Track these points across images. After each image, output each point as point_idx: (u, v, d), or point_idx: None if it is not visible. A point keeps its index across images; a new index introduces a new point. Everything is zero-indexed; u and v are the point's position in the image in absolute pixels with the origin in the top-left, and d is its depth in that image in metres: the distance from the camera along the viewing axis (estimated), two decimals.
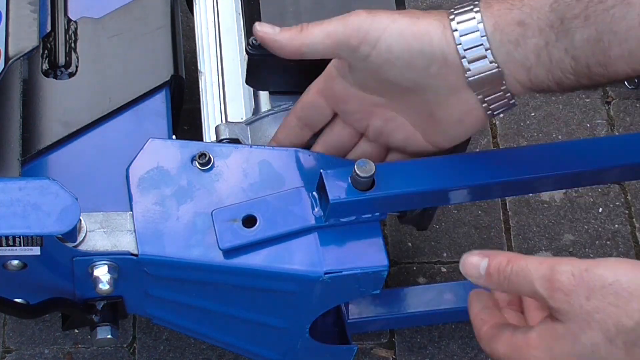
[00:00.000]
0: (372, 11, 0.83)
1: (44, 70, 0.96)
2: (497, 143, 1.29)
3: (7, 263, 0.82)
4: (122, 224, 0.85)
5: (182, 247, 0.84)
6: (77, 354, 1.11)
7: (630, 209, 1.26)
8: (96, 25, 0.99)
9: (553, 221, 1.24)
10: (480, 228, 1.22)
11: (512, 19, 0.80)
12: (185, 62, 1.02)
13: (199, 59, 1.02)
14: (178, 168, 0.88)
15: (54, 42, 0.97)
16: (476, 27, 0.80)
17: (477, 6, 0.81)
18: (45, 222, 0.77)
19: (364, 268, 0.85)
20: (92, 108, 0.94)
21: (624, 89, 1.35)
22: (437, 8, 1.39)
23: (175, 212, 0.86)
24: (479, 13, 0.80)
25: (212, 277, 0.86)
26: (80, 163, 0.92)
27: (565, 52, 0.78)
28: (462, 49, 0.80)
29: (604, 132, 1.31)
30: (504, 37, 0.80)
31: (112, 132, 0.94)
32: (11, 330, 1.12)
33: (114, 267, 0.84)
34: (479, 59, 0.81)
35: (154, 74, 0.97)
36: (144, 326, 1.13)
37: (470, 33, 0.80)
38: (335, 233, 0.86)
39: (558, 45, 0.78)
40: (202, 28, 1.03)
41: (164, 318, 0.94)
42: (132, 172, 0.88)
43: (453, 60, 0.81)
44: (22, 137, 0.90)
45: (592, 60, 0.78)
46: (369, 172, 0.83)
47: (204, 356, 1.12)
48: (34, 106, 0.93)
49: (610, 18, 0.76)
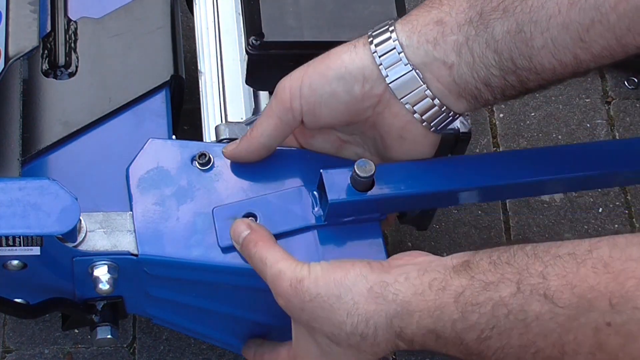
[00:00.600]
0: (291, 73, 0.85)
1: (44, 70, 0.96)
2: (497, 143, 1.29)
3: (7, 263, 0.82)
4: (122, 224, 0.85)
5: (182, 247, 0.84)
6: (77, 354, 1.11)
7: (630, 209, 1.26)
8: (96, 25, 0.99)
9: (553, 221, 1.24)
10: (480, 228, 1.22)
11: (430, 19, 0.80)
12: (185, 62, 1.02)
13: (199, 59, 1.02)
14: (178, 168, 0.88)
15: (54, 42, 0.97)
16: (389, 35, 0.81)
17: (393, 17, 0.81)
18: (45, 222, 0.77)
19: None
20: (92, 108, 0.94)
21: (624, 89, 1.35)
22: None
23: (175, 212, 0.86)
24: (393, 24, 0.81)
25: (212, 277, 0.86)
26: (80, 163, 0.92)
27: (487, 46, 0.78)
28: (377, 57, 0.81)
29: (604, 132, 1.31)
30: (422, 38, 0.80)
31: (112, 132, 0.94)
32: (11, 330, 1.12)
33: (114, 267, 0.84)
34: (395, 63, 0.81)
35: (154, 74, 0.97)
36: (144, 326, 1.13)
37: (384, 42, 0.81)
38: (335, 233, 0.86)
39: (478, 39, 0.78)
40: (202, 28, 1.03)
41: (164, 318, 0.94)
42: (132, 172, 0.88)
43: (371, 73, 0.81)
44: (22, 137, 0.90)
45: (516, 53, 0.77)
46: (369, 172, 0.83)
47: (204, 356, 1.12)
48: (34, 106, 0.93)
49: (529, 8, 0.76)
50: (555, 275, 0.70)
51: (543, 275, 0.70)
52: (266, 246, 0.81)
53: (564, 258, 0.70)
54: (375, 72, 0.81)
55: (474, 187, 0.88)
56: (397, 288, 0.75)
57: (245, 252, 0.83)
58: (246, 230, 0.83)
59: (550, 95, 1.33)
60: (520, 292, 0.70)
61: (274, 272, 0.79)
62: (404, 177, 0.86)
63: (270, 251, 0.81)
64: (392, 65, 0.81)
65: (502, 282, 0.71)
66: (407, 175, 0.86)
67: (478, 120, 1.30)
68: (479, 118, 1.30)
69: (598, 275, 0.68)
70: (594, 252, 0.69)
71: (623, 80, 1.35)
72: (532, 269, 0.71)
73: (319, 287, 0.77)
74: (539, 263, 0.71)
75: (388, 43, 0.81)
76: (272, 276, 0.80)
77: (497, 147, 1.29)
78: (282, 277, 0.79)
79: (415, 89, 0.81)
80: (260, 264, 0.81)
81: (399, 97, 0.82)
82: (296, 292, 0.78)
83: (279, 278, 0.79)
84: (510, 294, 0.71)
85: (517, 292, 0.70)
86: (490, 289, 0.72)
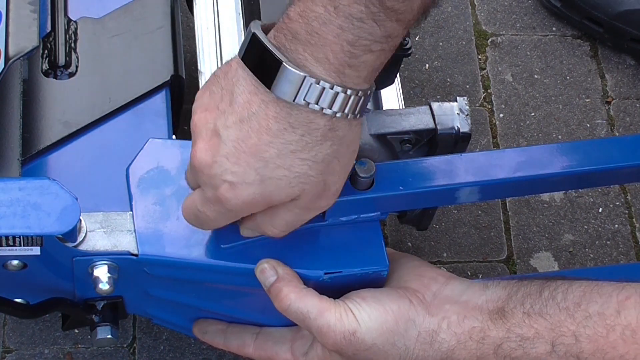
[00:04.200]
0: None
1: (44, 70, 0.96)
2: (497, 143, 1.29)
3: (7, 263, 0.82)
4: (122, 224, 0.85)
5: (182, 247, 0.84)
6: (77, 354, 1.11)
7: (630, 209, 1.26)
8: (96, 25, 0.99)
9: (553, 221, 1.24)
10: (480, 228, 1.22)
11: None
12: (185, 62, 1.02)
13: (199, 59, 1.02)
14: (178, 168, 0.88)
15: (54, 42, 0.97)
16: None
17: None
18: (45, 222, 0.77)
19: (364, 268, 0.85)
20: (92, 108, 0.94)
21: (624, 89, 1.35)
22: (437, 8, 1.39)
23: (175, 212, 0.86)
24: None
25: (212, 277, 0.86)
26: (80, 163, 0.92)
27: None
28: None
29: (604, 132, 1.31)
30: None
31: (112, 132, 0.94)
32: (11, 330, 1.11)
33: (114, 267, 0.84)
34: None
35: (154, 74, 0.97)
36: (144, 326, 1.13)
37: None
38: (335, 233, 0.86)
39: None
40: (202, 28, 1.03)
41: (164, 318, 0.94)
42: (132, 172, 0.88)
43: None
44: (22, 137, 0.90)
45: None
46: (369, 172, 0.83)
47: (204, 356, 1.12)
48: (34, 106, 0.93)
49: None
50: (586, 338, 0.77)
51: (575, 337, 0.77)
52: (299, 296, 0.82)
53: (594, 319, 0.77)
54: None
55: (473, 185, 0.88)
56: (443, 337, 0.81)
57: (275, 302, 0.83)
58: (272, 276, 0.83)
59: (550, 95, 1.33)
60: (554, 352, 0.78)
61: (321, 325, 0.81)
62: (403, 176, 0.86)
63: (305, 301, 0.81)
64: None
65: (537, 339, 0.78)
66: (407, 175, 0.86)
67: (478, 120, 1.30)
68: (479, 118, 1.31)
69: (627, 344, 0.76)
70: (622, 315, 0.76)
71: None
72: (565, 327, 0.78)
73: (374, 338, 0.81)
74: (571, 321, 0.77)
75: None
76: (319, 328, 0.81)
77: (497, 147, 1.29)
78: (333, 330, 0.81)
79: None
80: (301, 316, 0.82)
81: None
82: (350, 343, 0.81)
83: (330, 331, 0.81)
84: (545, 352, 0.78)
85: (551, 351, 0.78)
86: (526, 346, 0.79)
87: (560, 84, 1.35)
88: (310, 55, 0.71)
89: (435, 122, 0.93)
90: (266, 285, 0.83)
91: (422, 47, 1.36)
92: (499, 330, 0.80)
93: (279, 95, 0.72)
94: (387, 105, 1.00)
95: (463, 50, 1.36)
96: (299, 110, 0.73)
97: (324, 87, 0.72)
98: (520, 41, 1.38)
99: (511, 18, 1.40)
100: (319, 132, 0.73)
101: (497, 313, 0.80)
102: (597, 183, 0.94)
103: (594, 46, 1.38)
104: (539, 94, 1.33)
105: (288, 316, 0.83)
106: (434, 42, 1.36)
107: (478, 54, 1.36)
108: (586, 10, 1.35)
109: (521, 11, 1.41)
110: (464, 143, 0.93)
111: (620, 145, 0.92)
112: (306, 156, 0.74)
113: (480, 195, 0.90)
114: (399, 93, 1.02)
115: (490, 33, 1.38)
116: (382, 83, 0.95)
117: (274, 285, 0.82)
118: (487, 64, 1.36)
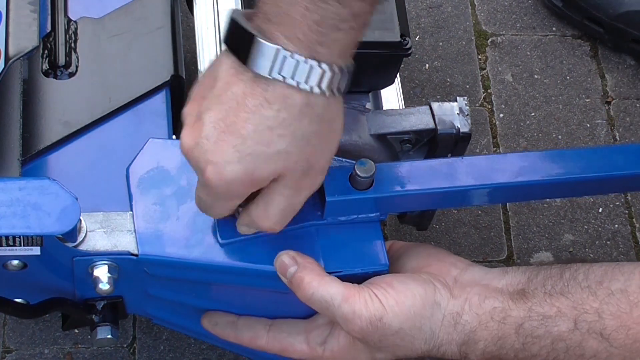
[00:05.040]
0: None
1: (44, 70, 0.96)
2: (497, 143, 1.29)
3: (7, 263, 0.82)
4: (122, 224, 0.85)
5: (182, 247, 0.84)
6: (77, 354, 1.11)
7: (630, 209, 1.26)
8: (96, 25, 0.99)
9: (553, 221, 1.24)
10: (480, 228, 1.22)
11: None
12: (185, 62, 1.02)
13: (199, 59, 1.02)
14: (178, 168, 0.88)
15: (54, 42, 0.97)
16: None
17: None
18: (45, 222, 0.77)
19: (364, 268, 0.85)
20: (92, 108, 0.94)
21: (624, 89, 1.35)
22: (438, 8, 1.39)
23: (175, 212, 0.86)
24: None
25: (213, 277, 0.86)
26: (80, 163, 0.91)
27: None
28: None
29: (604, 132, 1.31)
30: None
31: (112, 132, 0.94)
32: (11, 330, 1.12)
33: (114, 267, 0.84)
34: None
35: (154, 74, 0.97)
36: (144, 326, 1.13)
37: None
38: (335, 233, 0.86)
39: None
40: (202, 28, 1.03)
41: (164, 318, 0.94)
42: (132, 172, 0.88)
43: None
44: (22, 137, 0.90)
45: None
46: (369, 172, 0.83)
47: (204, 356, 1.12)
48: (34, 106, 0.93)
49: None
50: (610, 314, 0.76)
51: (599, 314, 0.77)
52: (322, 283, 0.81)
53: (617, 295, 0.76)
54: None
55: (473, 189, 0.88)
56: (465, 319, 0.81)
57: (298, 292, 0.82)
58: (293, 266, 0.82)
59: (550, 95, 1.33)
60: (577, 330, 0.77)
61: (346, 311, 0.81)
62: (403, 177, 0.86)
63: (329, 288, 0.81)
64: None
65: (559, 317, 0.78)
66: (406, 175, 0.86)
67: (478, 120, 1.30)
68: (479, 118, 1.31)
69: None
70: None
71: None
72: (587, 304, 0.77)
73: (401, 322, 0.81)
74: (593, 299, 0.77)
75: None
76: (345, 315, 0.81)
77: (497, 147, 1.29)
78: (359, 316, 0.80)
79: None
80: (325, 304, 0.81)
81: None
82: (377, 329, 0.81)
83: (355, 317, 0.81)
84: (568, 329, 0.77)
85: (574, 328, 0.77)
86: (548, 324, 0.78)
87: (560, 84, 1.35)
88: (282, 34, 0.72)
89: (435, 122, 0.93)
90: (287, 277, 0.82)
91: (422, 47, 1.36)
92: (520, 309, 0.79)
93: (255, 69, 0.73)
94: (387, 105, 1.00)
95: (463, 50, 1.36)
96: (275, 86, 0.73)
97: (298, 61, 0.72)
98: (520, 41, 1.38)
99: (511, 18, 1.40)
100: (295, 109, 0.73)
101: (518, 294, 0.80)
102: (598, 191, 0.95)
103: (594, 46, 1.39)
104: (539, 94, 1.33)
105: (311, 305, 0.82)
106: (434, 42, 1.36)
107: (478, 54, 1.36)
108: (587, 10, 1.35)
109: (521, 11, 1.41)
110: (464, 143, 0.93)
111: (624, 154, 0.91)
112: (283, 132, 0.74)
113: (480, 199, 0.89)
114: (399, 93, 1.02)
115: (490, 33, 1.38)
116: (382, 83, 0.95)
117: (295, 275, 0.82)
118: (487, 64, 1.36)
